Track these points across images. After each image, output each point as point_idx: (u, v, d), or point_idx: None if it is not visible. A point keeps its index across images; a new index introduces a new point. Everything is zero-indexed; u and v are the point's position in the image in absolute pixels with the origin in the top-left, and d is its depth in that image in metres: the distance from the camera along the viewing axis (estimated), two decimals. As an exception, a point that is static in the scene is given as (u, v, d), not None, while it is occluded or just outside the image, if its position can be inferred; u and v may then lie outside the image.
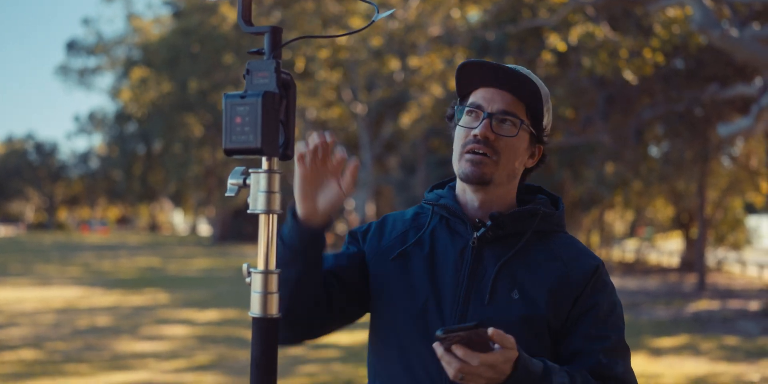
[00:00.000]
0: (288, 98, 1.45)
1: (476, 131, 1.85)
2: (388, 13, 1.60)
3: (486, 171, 1.85)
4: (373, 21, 1.59)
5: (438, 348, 1.59)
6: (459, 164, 1.88)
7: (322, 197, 1.73)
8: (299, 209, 1.73)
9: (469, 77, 1.92)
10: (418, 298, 1.85)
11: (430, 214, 1.96)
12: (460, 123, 1.90)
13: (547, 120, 1.95)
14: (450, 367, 1.59)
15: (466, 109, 1.90)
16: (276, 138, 1.41)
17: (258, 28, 1.50)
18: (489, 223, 1.86)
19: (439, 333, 1.56)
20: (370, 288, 1.93)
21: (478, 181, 1.86)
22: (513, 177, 1.92)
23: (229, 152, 1.41)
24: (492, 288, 1.83)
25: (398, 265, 1.90)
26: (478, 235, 1.86)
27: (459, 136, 1.90)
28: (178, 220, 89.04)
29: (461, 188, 1.94)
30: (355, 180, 1.72)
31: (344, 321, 1.92)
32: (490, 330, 1.60)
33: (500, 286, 1.83)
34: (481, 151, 1.85)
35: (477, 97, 1.90)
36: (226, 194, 1.50)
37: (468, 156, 1.86)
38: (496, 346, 1.61)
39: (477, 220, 1.89)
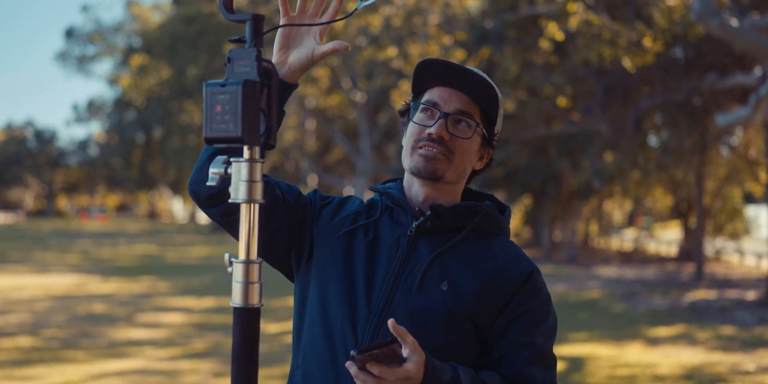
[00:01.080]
0: (269, 87, 1.44)
1: (431, 130, 1.85)
2: (371, 0, 1.59)
3: (439, 167, 1.86)
4: (356, 9, 1.58)
5: (351, 367, 1.59)
6: (411, 158, 1.89)
7: (296, 52, 1.85)
8: (273, 59, 1.82)
9: (427, 75, 1.91)
10: (351, 279, 1.86)
11: (380, 203, 1.97)
12: (414, 119, 1.91)
13: (498, 125, 1.96)
14: None
15: (422, 106, 1.91)
16: (257, 127, 1.40)
17: (239, 16, 1.49)
18: (429, 213, 1.87)
19: (353, 353, 1.55)
20: (300, 254, 1.95)
21: (429, 175, 1.86)
22: (462, 177, 1.93)
23: (209, 141, 1.40)
24: (422, 277, 1.82)
25: (341, 243, 1.91)
26: (416, 224, 1.87)
27: (412, 132, 1.90)
28: (177, 207, 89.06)
29: (408, 183, 1.95)
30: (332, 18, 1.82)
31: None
32: (390, 322, 1.60)
33: (430, 276, 1.83)
34: (434, 150, 1.85)
35: (433, 95, 1.90)
36: (207, 183, 1.49)
37: (421, 151, 1.87)
38: (405, 352, 1.61)
39: (418, 209, 1.90)
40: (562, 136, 21.90)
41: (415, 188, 1.93)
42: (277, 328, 10.88)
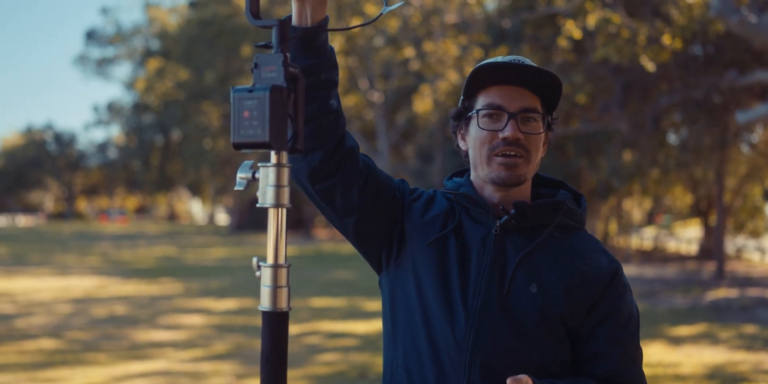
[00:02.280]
0: (296, 92, 1.45)
1: (506, 134, 1.84)
2: (396, 5, 1.59)
3: (521, 172, 1.86)
4: (381, 14, 1.59)
5: None
6: (489, 168, 1.88)
7: None
8: (294, 9, 1.72)
9: (480, 78, 1.89)
10: (446, 282, 1.87)
11: (454, 202, 1.97)
12: (481, 125, 1.88)
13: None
14: None
15: (484, 110, 1.88)
16: (284, 132, 1.41)
17: (265, 22, 1.49)
18: (512, 211, 1.87)
19: None
20: (394, 248, 1.95)
21: (515, 183, 1.87)
22: (535, 170, 1.93)
23: (237, 146, 1.41)
24: (511, 279, 1.84)
25: (434, 247, 1.91)
26: (500, 222, 1.87)
27: (483, 138, 1.88)
28: (196, 209, 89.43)
29: (480, 185, 1.94)
30: None
31: (341, 177, 1.87)
32: (509, 381, 1.65)
33: (519, 279, 1.84)
34: (512, 153, 1.85)
35: (492, 97, 1.88)
36: (235, 188, 1.50)
37: (500, 159, 1.86)
38: None
39: (501, 208, 1.90)
40: (581, 135, 21.82)
41: (488, 191, 1.92)
42: (298, 330, 10.90)
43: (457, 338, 1.81)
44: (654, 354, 9.41)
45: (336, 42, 21.27)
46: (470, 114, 1.92)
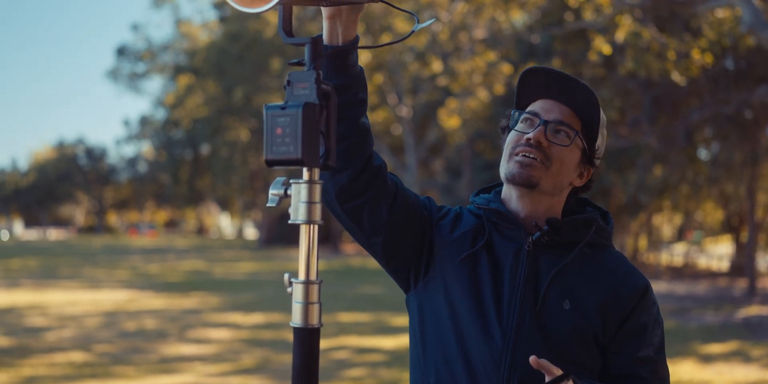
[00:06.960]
0: (328, 109, 1.45)
1: (530, 135, 1.87)
2: (428, 23, 1.60)
3: (534, 173, 1.86)
4: (413, 31, 1.60)
5: None
6: (507, 165, 1.90)
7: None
8: (324, 15, 1.72)
9: (530, 87, 1.93)
10: (479, 300, 1.87)
11: (484, 219, 1.97)
12: (516, 128, 1.92)
13: (600, 142, 1.95)
14: None
15: (523, 115, 1.93)
16: (316, 149, 1.41)
17: (298, 39, 1.50)
18: (545, 227, 1.88)
19: None
20: (425, 268, 1.95)
21: (524, 182, 1.87)
22: (559, 189, 1.92)
23: (270, 163, 1.41)
24: (544, 296, 1.85)
25: (465, 265, 1.91)
26: (533, 238, 1.88)
27: (511, 139, 1.92)
28: (224, 223, 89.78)
29: (507, 195, 1.95)
30: None
31: (372, 195, 1.86)
32: (532, 359, 1.65)
33: (552, 295, 1.85)
34: (531, 155, 1.86)
35: (536, 106, 1.93)
36: (268, 205, 1.51)
37: (517, 157, 1.88)
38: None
39: (534, 224, 1.90)
40: (611, 150, 21.71)
41: (514, 201, 1.93)
42: (326, 344, 10.87)
43: (494, 354, 1.82)
44: (685, 372, 9.30)
45: (364, 57, 21.37)
46: (512, 121, 1.96)
